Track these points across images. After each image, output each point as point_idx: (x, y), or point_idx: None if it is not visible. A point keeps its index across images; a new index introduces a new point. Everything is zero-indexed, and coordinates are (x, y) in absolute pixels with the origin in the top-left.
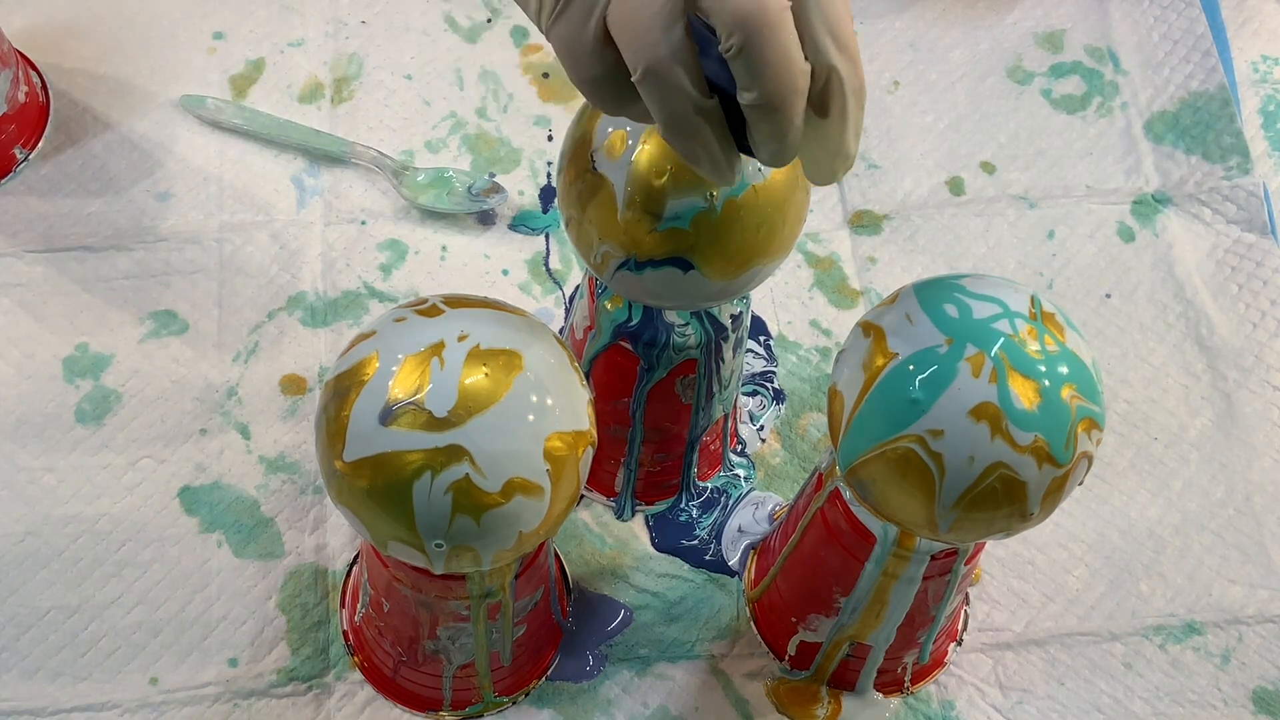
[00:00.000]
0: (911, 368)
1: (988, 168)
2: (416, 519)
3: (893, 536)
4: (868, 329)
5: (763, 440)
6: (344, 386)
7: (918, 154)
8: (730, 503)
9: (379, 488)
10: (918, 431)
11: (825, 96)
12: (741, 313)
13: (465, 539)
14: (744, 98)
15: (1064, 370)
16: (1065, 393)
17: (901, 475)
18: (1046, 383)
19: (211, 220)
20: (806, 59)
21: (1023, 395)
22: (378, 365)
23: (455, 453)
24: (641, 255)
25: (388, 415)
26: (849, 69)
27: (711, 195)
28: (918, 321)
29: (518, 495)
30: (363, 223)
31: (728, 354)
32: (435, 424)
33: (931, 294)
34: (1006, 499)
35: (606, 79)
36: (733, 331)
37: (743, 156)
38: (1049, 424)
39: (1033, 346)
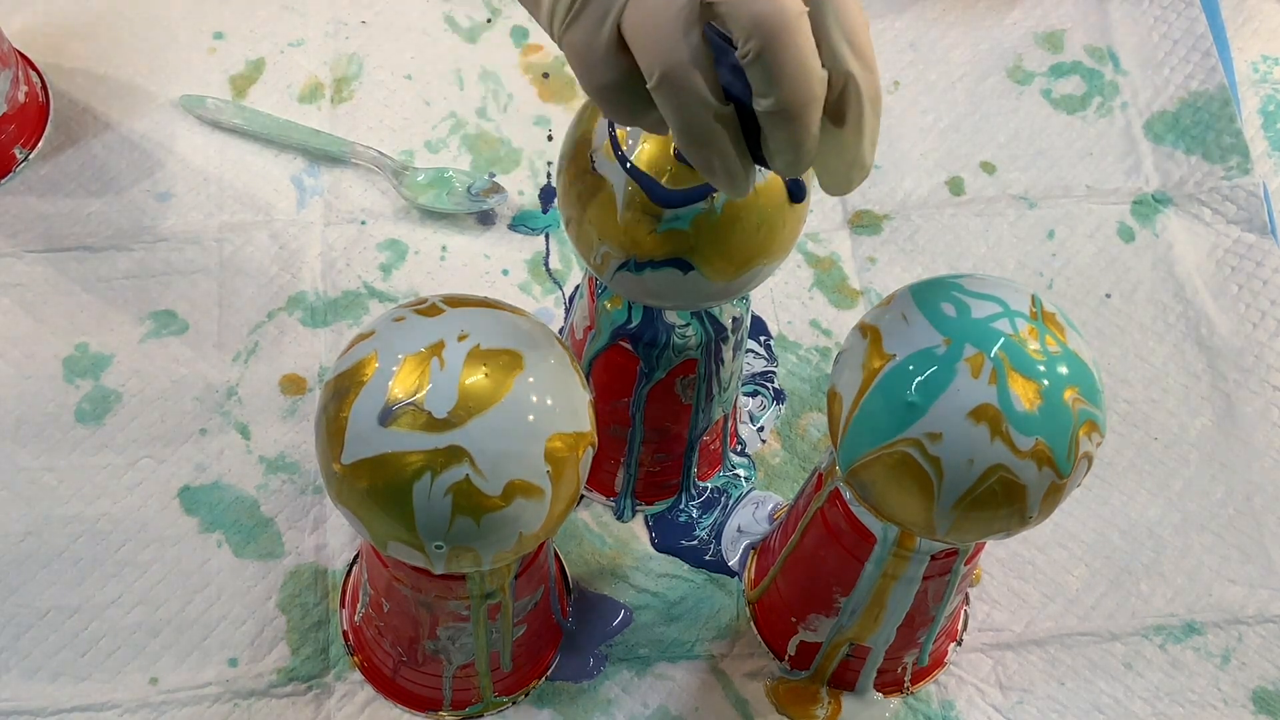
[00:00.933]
0: (908, 369)
1: (988, 168)
2: (416, 520)
3: (893, 536)
4: (865, 330)
5: (763, 441)
6: (343, 387)
7: (918, 154)
8: (730, 502)
9: (378, 489)
10: (915, 435)
11: (842, 104)
12: (741, 315)
13: (465, 540)
14: (760, 104)
15: (1066, 372)
16: (1068, 395)
17: (900, 478)
18: (1048, 384)
19: (211, 220)
20: (823, 66)
21: (1024, 397)
22: (377, 365)
23: (455, 454)
24: (641, 256)
25: (387, 416)
26: (866, 77)
27: (712, 197)
28: (914, 322)
29: (518, 497)
30: (363, 223)
31: (727, 356)
32: (435, 425)
33: (928, 294)
34: (1006, 501)
35: (620, 86)
36: (732, 333)
37: (757, 167)
38: (1051, 427)
39: (1034, 346)
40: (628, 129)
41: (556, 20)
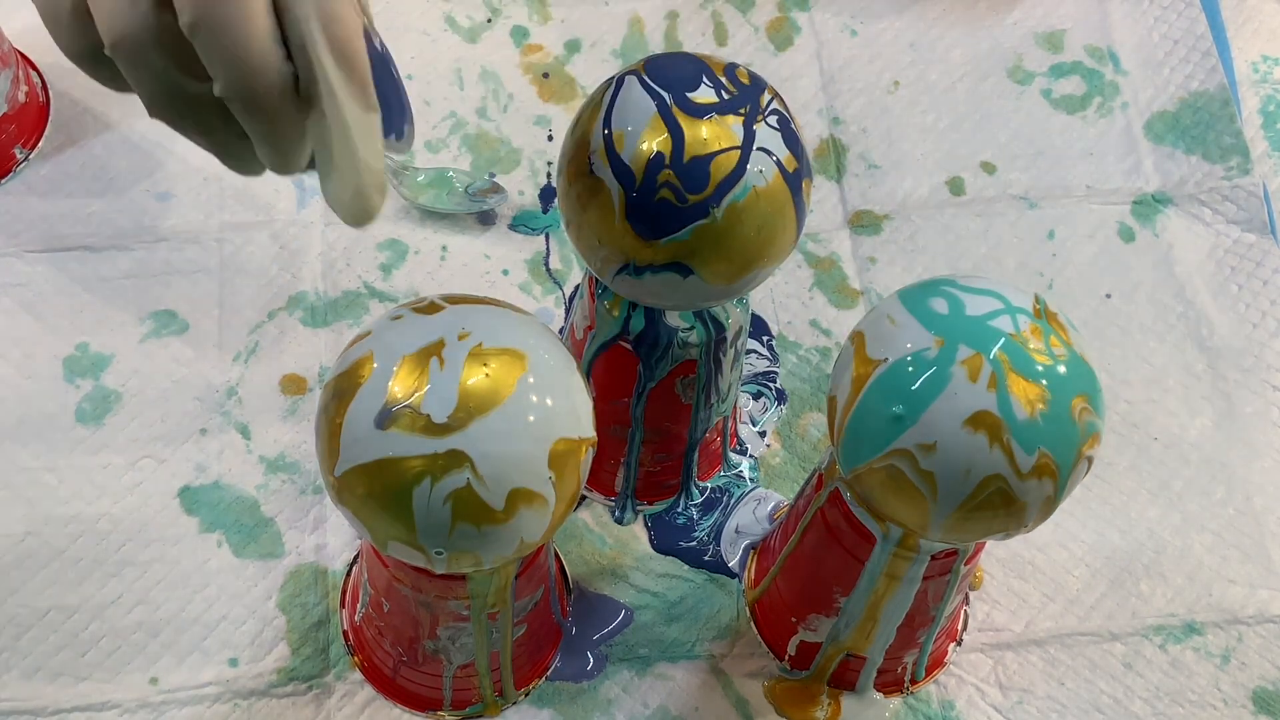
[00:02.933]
0: (896, 376)
1: (988, 168)
2: (416, 526)
3: (893, 536)
4: (853, 336)
5: (767, 445)
6: (340, 389)
7: (918, 154)
8: (731, 501)
9: (377, 493)
10: (906, 446)
11: (312, 102)
12: (741, 327)
13: (466, 546)
14: (214, 89)
15: (1074, 379)
16: (1076, 405)
17: (895, 488)
18: (1054, 392)
19: (212, 220)
20: (290, 56)
21: (1025, 403)
22: (374, 366)
23: (456, 459)
24: (641, 261)
25: (385, 418)
26: (335, 69)
27: (713, 208)
28: (902, 322)
29: (521, 505)
30: None
31: (726, 366)
32: (434, 428)
33: (917, 293)
34: (1004, 507)
35: (91, 55)
36: (730, 345)
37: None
38: (1057, 440)
39: (1037, 347)
40: (626, 130)
41: None
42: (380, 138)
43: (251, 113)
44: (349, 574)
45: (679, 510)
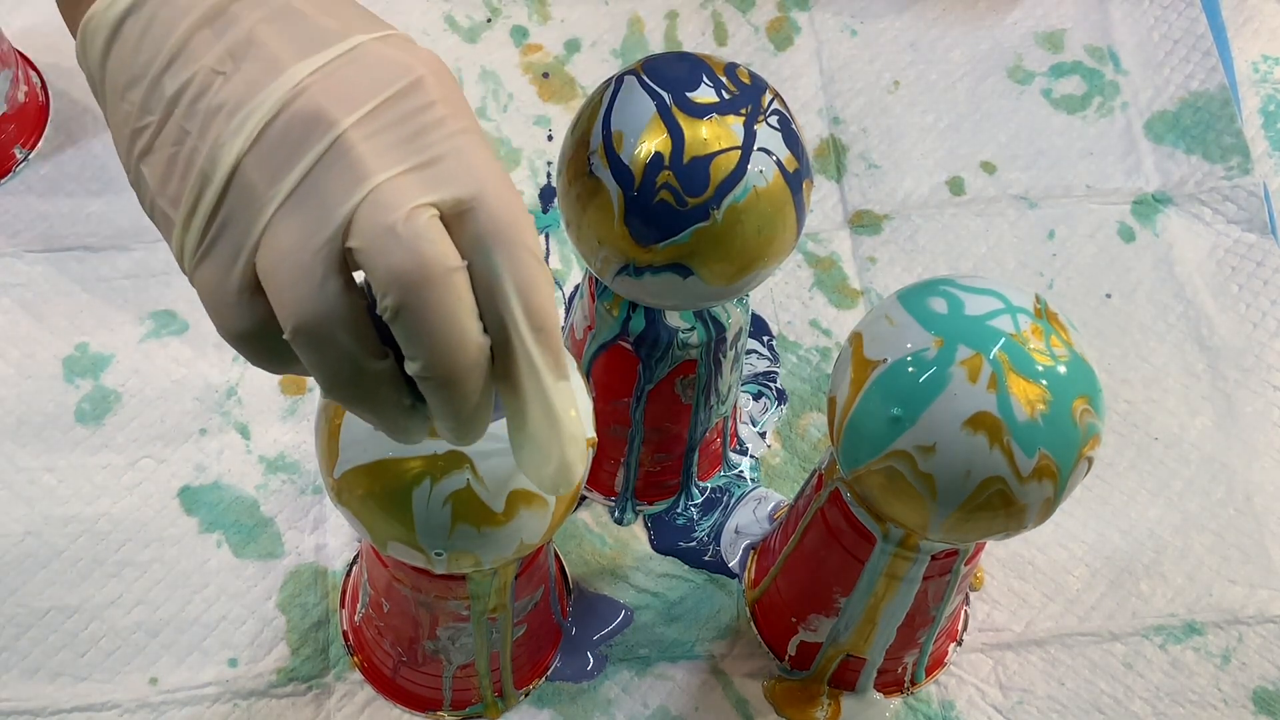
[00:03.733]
0: (894, 377)
1: (988, 168)
2: (416, 527)
3: (893, 537)
4: (852, 338)
5: (768, 446)
6: None
7: (918, 154)
8: (732, 501)
9: (377, 494)
10: (905, 447)
11: (508, 373)
12: (741, 328)
13: (466, 547)
14: (409, 367)
15: (1076, 380)
16: (1077, 407)
17: (895, 490)
18: (1055, 394)
19: None
20: (486, 330)
21: (1026, 405)
22: None
23: (455, 459)
24: (640, 262)
25: None
26: (534, 342)
27: (713, 210)
28: (900, 323)
29: (521, 507)
30: None
31: (726, 366)
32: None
33: (916, 293)
34: (1004, 509)
35: (258, 335)
36: (730, 347)
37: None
38: (1057, 442)
39: (1037, 347)
40: (625, 131)
41: (187, 254)
42: (576, 403)
43: (451, 389)
44: (349, 574)
45: (679, 510)
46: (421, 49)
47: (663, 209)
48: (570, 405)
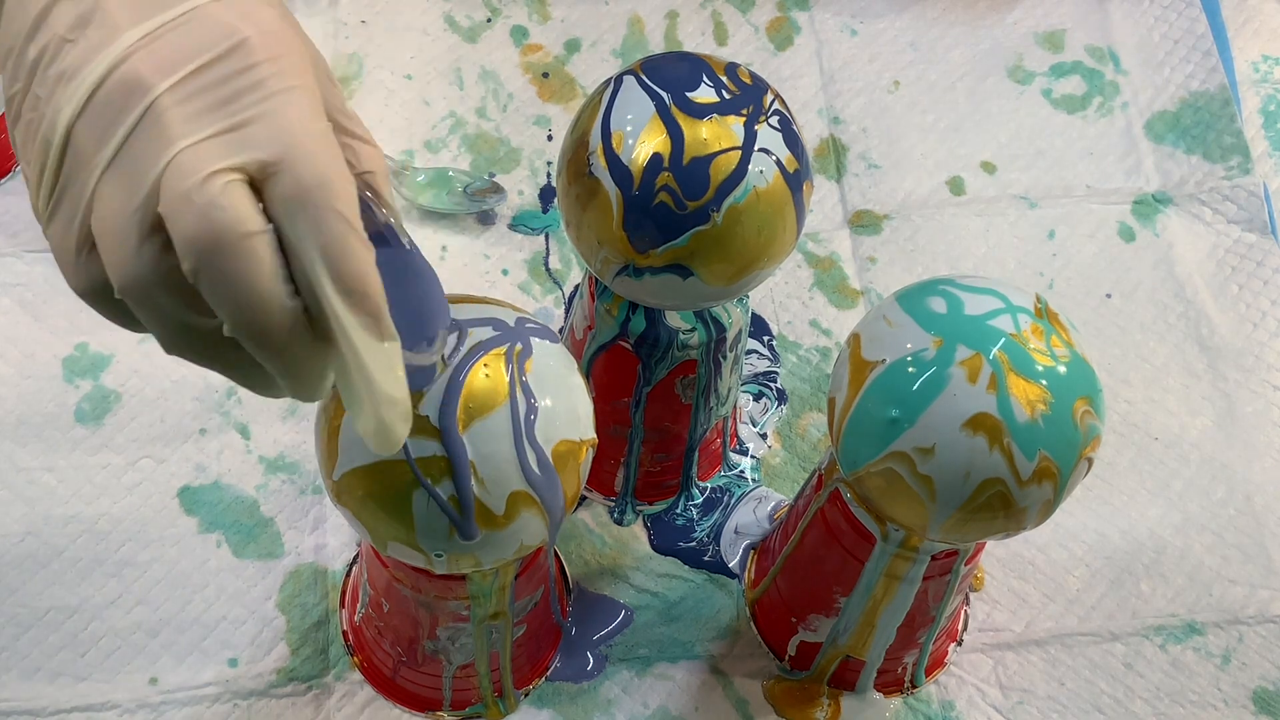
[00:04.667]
0: (893, 378)
1: (988, 167)
2: (416, 529)
3: (893, 537)
4: (851, 339)
5: (769, 447)
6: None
7: (918, 154)
8: (732, 501)
9: (376, 495)
10: (904, 449)
11: (328, 335)
12: (741, 328)
13: (466, 549)
14: (223, 328)
15: (1076, 381)
16: (1078, 409)
17: (894, 491)
18: (1056, 395)
19: None
20: (298, 291)
21: (1026, 406)
22: None
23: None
24: (640, 263)
25: None
26: (343, 306)
27: (713, 212)
28: (899, 323)
29: (521, 509)
30: None
31: (726, 367)
32: (435, 430)
33: (914, 293)
34: (1004, 510)
35: (98, 292)
36: (730, 347)
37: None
38: (1058, 443)
39: (1038, 347)
40: (625, 132)
41: (40, 215)
42: (400, 365)
43: (262, 350)
44: (349, 574)
45: (679, 510)
46: (265, 9)
47: (661, 211)
48: (391, 367)
